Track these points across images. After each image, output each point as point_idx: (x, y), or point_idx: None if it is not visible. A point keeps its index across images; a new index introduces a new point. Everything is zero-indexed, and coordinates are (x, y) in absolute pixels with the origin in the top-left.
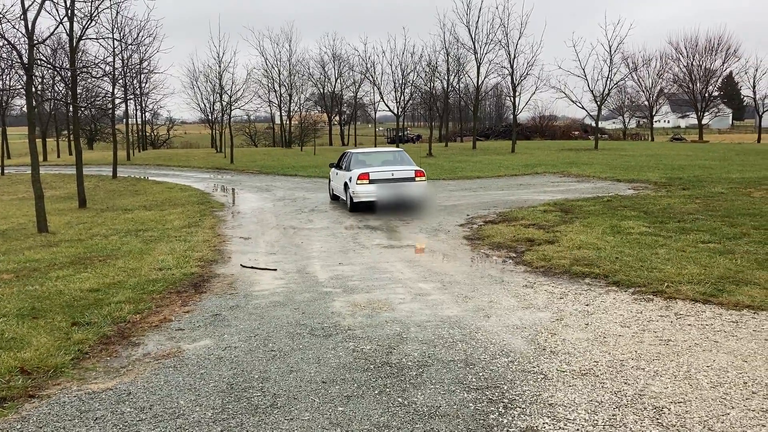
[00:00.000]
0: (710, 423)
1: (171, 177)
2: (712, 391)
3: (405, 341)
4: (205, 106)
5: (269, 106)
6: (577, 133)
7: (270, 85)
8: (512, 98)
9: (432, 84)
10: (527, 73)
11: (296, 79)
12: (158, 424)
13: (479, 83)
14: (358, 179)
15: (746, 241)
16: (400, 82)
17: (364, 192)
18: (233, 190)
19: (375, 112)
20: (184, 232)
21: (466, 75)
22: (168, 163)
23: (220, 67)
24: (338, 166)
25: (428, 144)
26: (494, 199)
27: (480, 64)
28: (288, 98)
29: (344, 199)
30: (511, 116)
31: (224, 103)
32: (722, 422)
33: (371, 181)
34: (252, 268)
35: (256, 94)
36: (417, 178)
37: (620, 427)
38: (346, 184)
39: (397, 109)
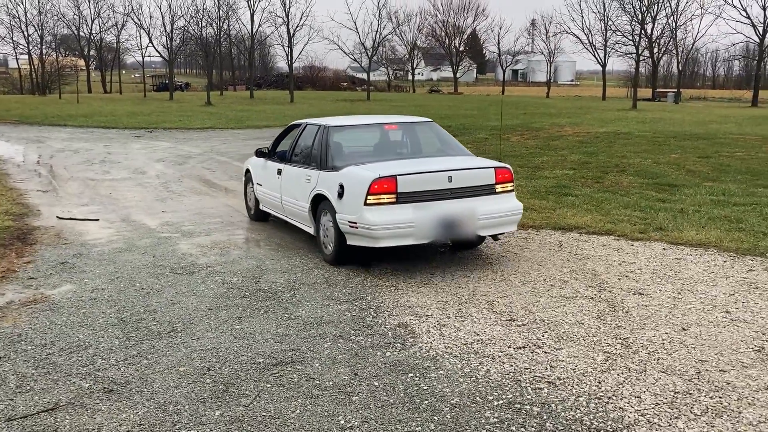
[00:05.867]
0: (529, 307)
1: None
2: (524, 287)
3: (266, 272)
4: None
5: (14, 48)
6: (345, 84)
7: (15, 24)
8: (288, 48)
9: (202, 30)
10: (302, 24)
11: (48, 19)
12: (71, 356)
13: (254, 31)
14: (370, 192)
15: (518, 177)
16: (170, 26)
17: (387, 224)
18: None
19: (143, 58)
20: None
21: (239, 21)
22: None
23: None
24: (274, 154)
25: (206, 92)
26: None
27: (254, 11)
28: (39, 40)
29: (304, 227)
30: (279, 66)
31: None
32: (535, 306)
33: (402, 197)
34: (71, 219)
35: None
36: (498, 186)
37: (467, 316)
38: (317, 200)
39: (169, 55)
